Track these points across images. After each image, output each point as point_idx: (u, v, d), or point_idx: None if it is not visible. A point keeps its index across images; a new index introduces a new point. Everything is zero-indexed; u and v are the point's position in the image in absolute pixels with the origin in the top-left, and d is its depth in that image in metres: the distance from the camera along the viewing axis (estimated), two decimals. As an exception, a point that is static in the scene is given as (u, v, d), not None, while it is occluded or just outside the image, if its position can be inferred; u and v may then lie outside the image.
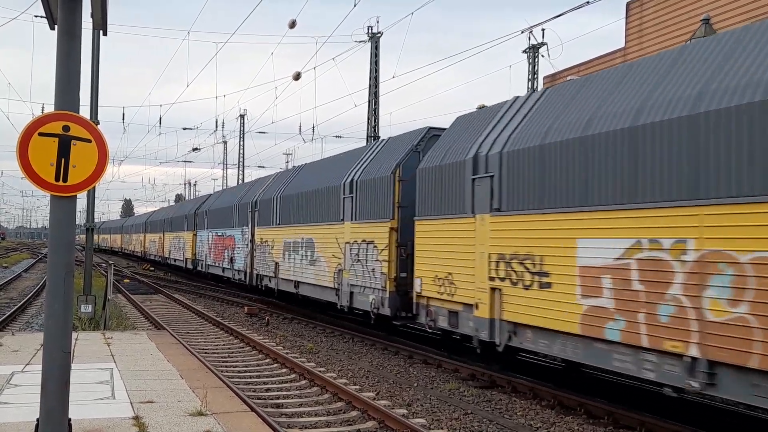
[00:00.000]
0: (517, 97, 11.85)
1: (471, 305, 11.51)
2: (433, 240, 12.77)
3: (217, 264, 30.67)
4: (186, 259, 37.93)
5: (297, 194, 20.75)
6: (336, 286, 17.19)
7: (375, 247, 15.10)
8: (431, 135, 14.68)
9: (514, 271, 10.41)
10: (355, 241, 16.11)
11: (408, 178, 14.37)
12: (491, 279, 10.91)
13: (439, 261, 12.54)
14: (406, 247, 14.29)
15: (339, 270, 16.99)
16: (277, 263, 21.90)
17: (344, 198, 16.95)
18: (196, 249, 35.49)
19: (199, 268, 34.88)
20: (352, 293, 16.30)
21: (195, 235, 35.94)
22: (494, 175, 10.87)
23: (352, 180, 16.64)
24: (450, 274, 12.16)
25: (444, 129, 14.43)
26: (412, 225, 13.82)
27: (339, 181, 17.40)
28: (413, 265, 13.79)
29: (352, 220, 16.47)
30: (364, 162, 16.75)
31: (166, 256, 44.97)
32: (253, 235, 25.07)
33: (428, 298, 13.05)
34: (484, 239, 11.12)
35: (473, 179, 11.51)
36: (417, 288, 13.37)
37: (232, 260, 27.73)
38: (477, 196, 11.39)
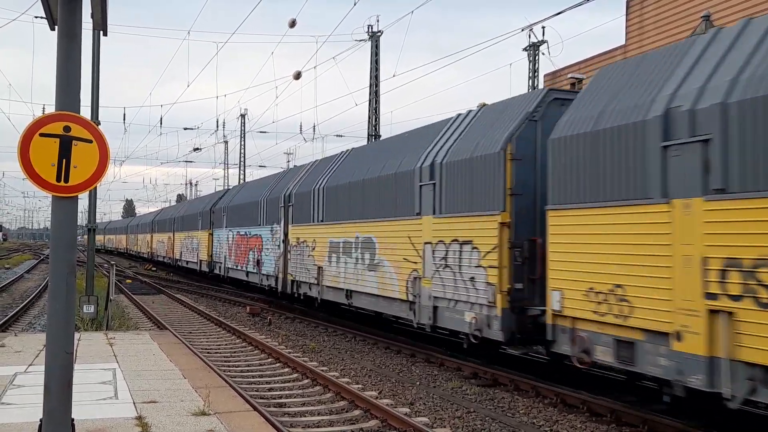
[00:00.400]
0: None
1: (664, 334, 7.99)
2: (585, 237, 9.28)
3: (239, 267, 27.23)
4: (200, 261, 34.70)
5: (348, 184, 17.04)
6: (410, 298, 13.65)
7: (475, 248, 11.58)
8: (552, 99, 11.32)
9: (764, 286, 6.91)
10: (441, 241, 12.60)
11: (522, 156, 11.00)
12: (710, 296, 7.39)
13: (596, 267, 9.01)
14: (522, 249, 10.87)
15: (415, 278, 13.48)
16: (320, 268, 18.37)
17: (421, 186, 13.44)
18: (213, 250, 32.32)
19: (216, 271, 31.64)
20: (436, 308, 12.75)
21: (211, 234, 32.65)
22: (712, 138, 7.48)
23: (432, 163, 13.11)
24: (619, 286, 8.59)
25: (565, 91, 11.83)
26: (532, 218, 10.90)
27: (412, 166, 13.91)
28: (538, 273, 10.62)
29: (434, 213, 12.90)
30: (448, 140, 13.24)
31: (177, 257, 41.70)
32: (286, 234, 21.63)
33: (574, 319, 9.46)
34: (693, 236, 7.64)
35: (664, 147, 8.02)
36: (555, 304, 9.78)
37: (258, 263, 24.37)
38: (674, 172, 7.93)
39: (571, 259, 9.49)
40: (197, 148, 59.52)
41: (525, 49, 33.30)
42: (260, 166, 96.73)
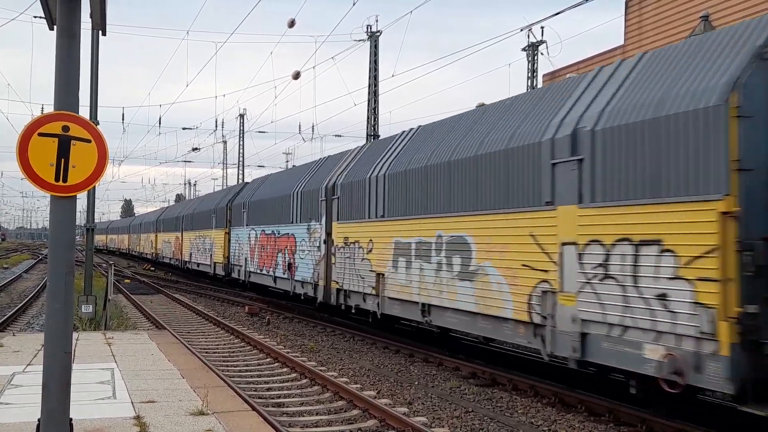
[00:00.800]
0: None
1: None
2: None
3: (264, 271, 23.74)
4: (214, 263, 31.36)
5: (423, 169, 13.37)
6: (535, 320, 9.97)
7: (665, 252, 7.88)
8: None
9: None
10: (596, 241, 8.83)
11: (755, 113, 7.34)
12: None
13: None
14: (756, 252, 7.14)
15: (544, 292, 9.76)
16: (380, 275, 14.86)
17: (554, 165, 9.63)
18: (230, 251, 29.04)
19: (234, 275, 28.36)
20: (585, 336, 9.00)
21: (227, 233, 29.37)
22: None
23: (575, 131, 9.31)
24: None
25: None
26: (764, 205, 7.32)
27: (536, 137, 10.13)
28: None
29: (580, 202, 9.12)
30: (599, 94, 9.45)
31: (186, 259, 38.10)
32: (329, 233, 18.02)
33: None
34: None
35: None
36: None
37: (290, 267, 20.83)
38: None
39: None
40: (196, 148, 59.61)
41: (524, 49, 33.34)
42: (259, 166, 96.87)
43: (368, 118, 34.67)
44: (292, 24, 23.27)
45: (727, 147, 7.25)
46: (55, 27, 4.88)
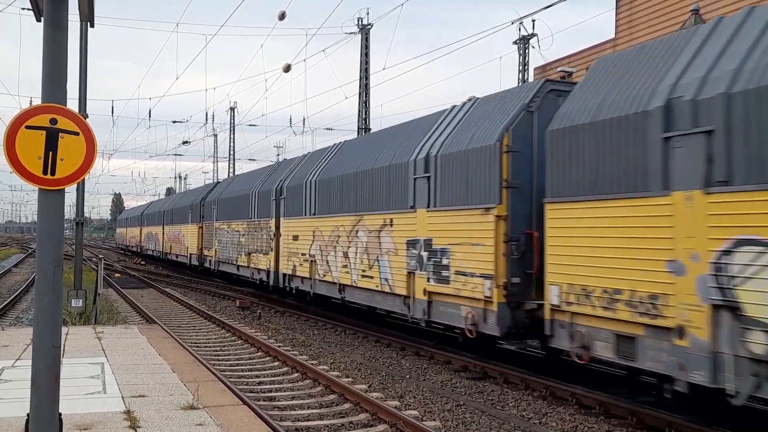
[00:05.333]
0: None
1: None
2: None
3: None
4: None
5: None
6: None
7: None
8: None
9: None
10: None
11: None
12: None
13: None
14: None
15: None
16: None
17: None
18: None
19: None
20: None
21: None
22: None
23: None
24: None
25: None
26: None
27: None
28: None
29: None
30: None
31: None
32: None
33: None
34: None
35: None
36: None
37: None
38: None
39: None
40: (186, 142, 59.25)
41: (515, 43, 33.32)
42: (250, 160, 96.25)
43: (359, 111, 34.59)
44: (282, 16, 23.14)
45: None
46: (42, 18, 4.82)
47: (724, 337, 7.28)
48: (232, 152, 63.40)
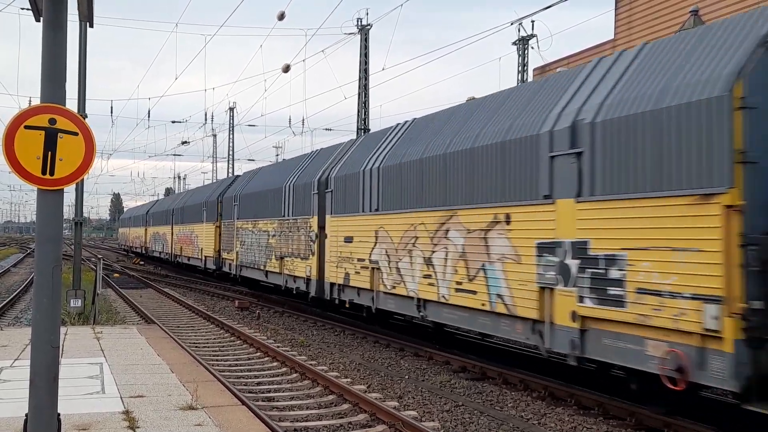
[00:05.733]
0: None
1: None
2: None
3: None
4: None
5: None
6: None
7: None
8: None
9: None
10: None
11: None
12: None
13: None
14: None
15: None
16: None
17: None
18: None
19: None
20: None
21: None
22: None
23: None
24: None
25: None
26: None
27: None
28: None
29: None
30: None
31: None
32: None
33: None
34: None
35: None
36: None
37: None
38: None
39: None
40: (185, 142, 59.25)
41: (515, 43, 33.34)
42: (249, 160, 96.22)
43: (359, 111, 34.59)
44: (281, 17, 23.15)
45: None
46: (41, 19, 4.82)
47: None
48: (231, 152, 63.40)
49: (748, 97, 7.26)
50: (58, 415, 4.83)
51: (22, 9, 27.19)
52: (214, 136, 66.04)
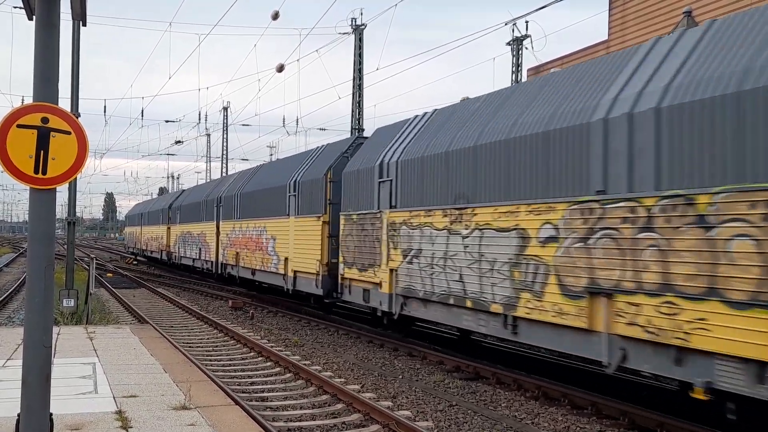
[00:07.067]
0: None
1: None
2: None
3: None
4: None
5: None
6: None
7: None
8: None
9: None
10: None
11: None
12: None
13: None
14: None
15: None
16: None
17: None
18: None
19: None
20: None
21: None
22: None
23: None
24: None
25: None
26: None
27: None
28: None
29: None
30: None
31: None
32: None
33: None
34: None
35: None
36: None
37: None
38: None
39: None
40: (179, 141, 59.16)
41: (509, 44, 33.37)
42: (243, 159, 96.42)
43: (353, 111, 34.57)
44: (275, 16, 23.13)
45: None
46: (34, 17, 4.81)
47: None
48: (225, 152, 63.27)
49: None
50: (51, 415, 4.82)
51: (15, 8, 27.09)
52: (208, 135, 65.91)
